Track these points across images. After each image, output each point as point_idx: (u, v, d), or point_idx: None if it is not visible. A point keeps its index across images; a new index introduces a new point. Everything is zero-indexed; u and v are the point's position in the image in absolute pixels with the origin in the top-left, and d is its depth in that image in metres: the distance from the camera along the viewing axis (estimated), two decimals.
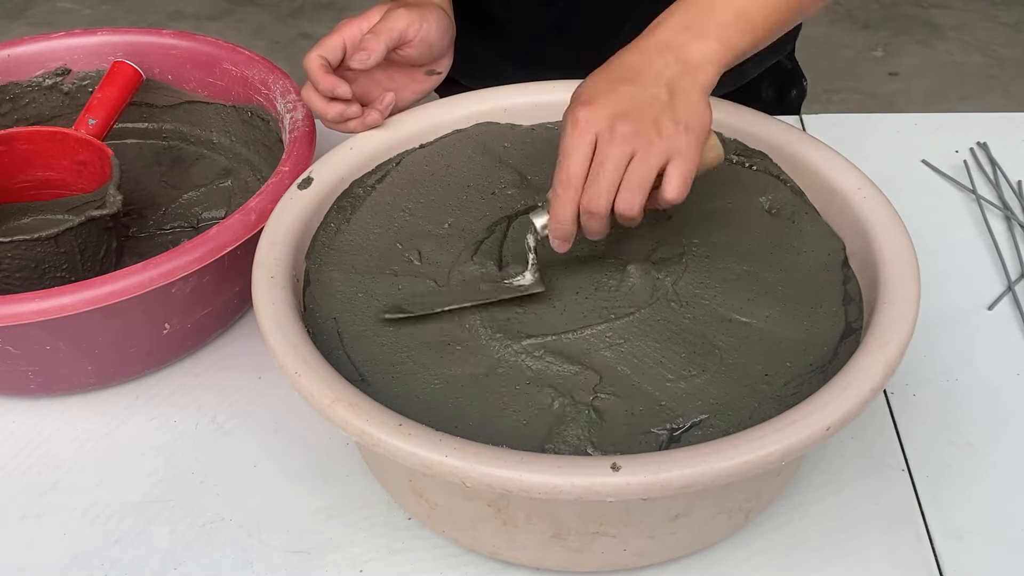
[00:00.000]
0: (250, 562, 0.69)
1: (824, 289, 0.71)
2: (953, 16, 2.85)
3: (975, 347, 0.83)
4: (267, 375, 0.81)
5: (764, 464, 0.57)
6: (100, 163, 0.88)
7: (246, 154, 0.98)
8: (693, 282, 0.72)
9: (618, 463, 0.56)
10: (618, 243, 0.74)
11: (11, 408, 0.80)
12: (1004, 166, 1.00)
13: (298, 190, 0.77)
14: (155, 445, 0.77)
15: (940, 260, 0.88)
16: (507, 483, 0.56)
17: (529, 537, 0.63)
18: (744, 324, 0.69)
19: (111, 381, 0.80)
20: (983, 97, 2.54)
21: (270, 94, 0.91)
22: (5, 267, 0.80)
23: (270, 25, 2.89)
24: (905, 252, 0.69)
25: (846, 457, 0.74)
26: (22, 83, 0.97)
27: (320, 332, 0.69)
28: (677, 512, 0.62)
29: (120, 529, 0.71)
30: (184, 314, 0.78)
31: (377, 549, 0.69)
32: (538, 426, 0.63)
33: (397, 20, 0.80)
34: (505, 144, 0.85)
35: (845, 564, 0.68)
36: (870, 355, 0.62)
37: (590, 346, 0.68)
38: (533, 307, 0.70)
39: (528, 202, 0.80)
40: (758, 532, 0.70)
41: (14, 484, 0.74)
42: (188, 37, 0.97)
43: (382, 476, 0.70)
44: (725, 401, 0.64)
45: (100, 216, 0.81)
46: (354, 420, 0.59)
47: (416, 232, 0.77)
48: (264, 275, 0.69)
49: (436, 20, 0.82)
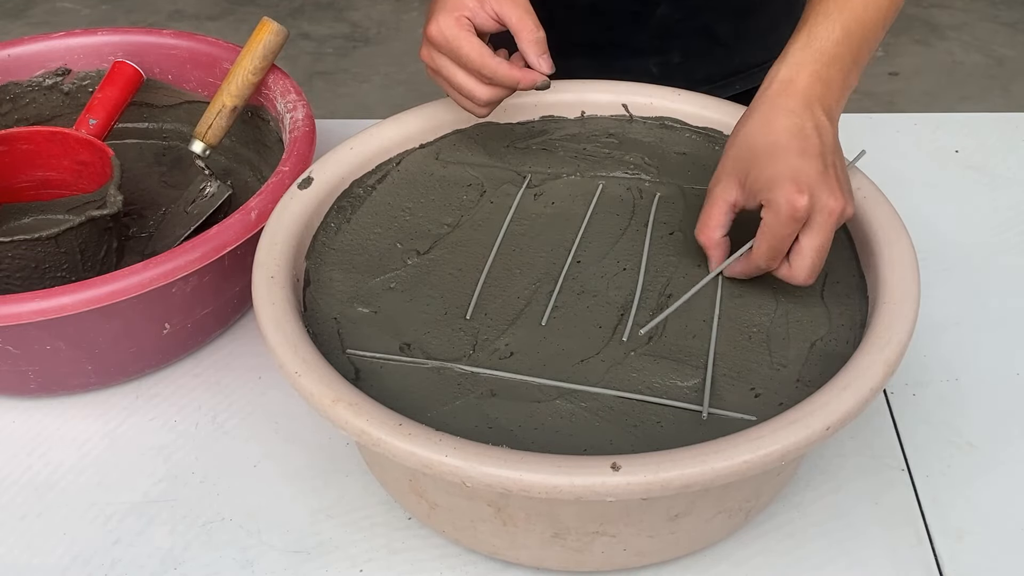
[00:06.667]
0: (250, 562, 0.69)
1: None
2: (953, 16, 2.85)
3: (975, 347, 0.83)
4: (267, 375, 0.81)
5: (764, 464, 0.57)
6: (101, 163, 0.88)
7: (246, 154, 0.98)
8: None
9: (618, 463, 0.56)
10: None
11: (11, 408, 0.80)
12: (1004, 166, 1.00)
13: (298, 190, 0.77)
14: (155, 445, 0.77)
15: (940, 260, 0.88)
16: (507, 483, 0.56)
17: (529, 537, 0.63)
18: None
19: (111, 381, 0.80)
20: (983, 97, 2.54)
21: (270, 94, 0.91)
22: (5, 267, 0.80)
23: None
24: (905, 252, 0.69)
25: (846, 457, 0.74)
26: (22, 83, 0.97)
27: (320, 332, 0.69)
28: (677, 512, 0.62)
29: (120, 529, 0.71)
30: (184, 314, 0.78)
31: (377, 549, 0.69)
32: (550, 422, 0.63)
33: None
34: (505, 144, 0.85)
35: (845, 564, 0.68)
36: (870, 355, 0.62)
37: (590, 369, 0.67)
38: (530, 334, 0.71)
39: (526, 201, 0.80)
40: (758, 532, 0.70)
41: (14, 484, 0.74)
42: (188, 37, 0.97)
43: (382, 476, 0.70)
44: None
45: (100, 216, 0.81)
46: (354, 420, 0.59)
47: (416, 232, 0.77)
48: (264, 275, 0.69)
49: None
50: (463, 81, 0.75)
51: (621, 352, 0.67)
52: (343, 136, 0.83)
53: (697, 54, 1.01)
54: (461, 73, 0.74)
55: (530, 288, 0.73)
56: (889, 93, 2.55)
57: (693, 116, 0.85)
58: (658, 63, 1.02)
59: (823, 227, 0.65)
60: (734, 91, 1.03)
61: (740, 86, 1.03)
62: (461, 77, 0.74)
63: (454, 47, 0.73)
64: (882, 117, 1.09)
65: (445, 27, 0.73)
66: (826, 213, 0.65)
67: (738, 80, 1.04)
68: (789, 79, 0.70)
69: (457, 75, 0.74)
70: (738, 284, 0.72)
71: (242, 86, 0.89)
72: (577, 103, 0.87)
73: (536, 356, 0.68)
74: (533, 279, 0.73)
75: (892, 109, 2.47)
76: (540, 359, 0.67)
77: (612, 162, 0.83)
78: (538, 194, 0.81)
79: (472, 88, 0.75)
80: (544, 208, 0.79)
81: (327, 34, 2.86)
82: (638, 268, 0.74)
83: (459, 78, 0.75)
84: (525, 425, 0.63)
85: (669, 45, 1.01)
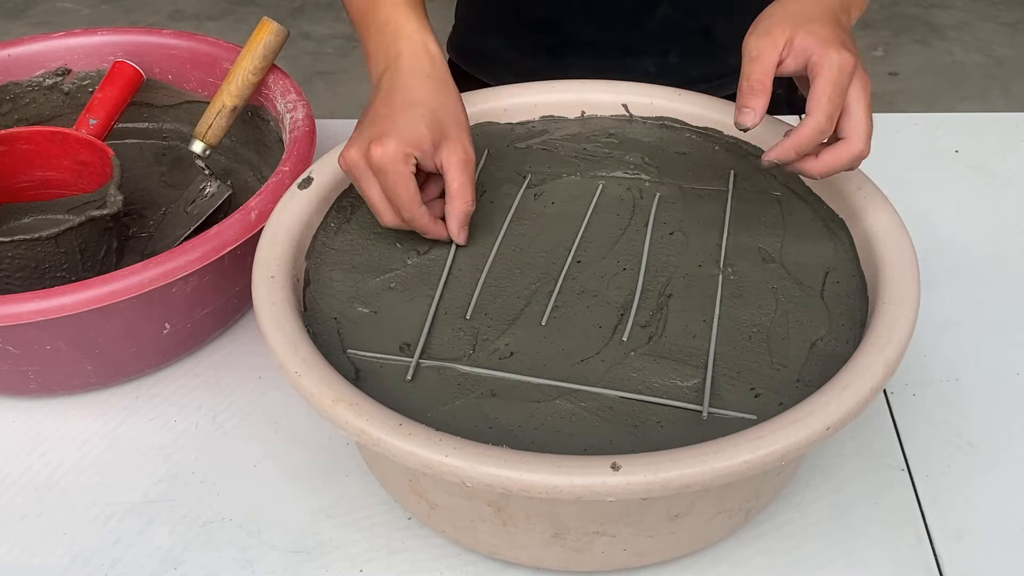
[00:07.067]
0: (250, 562, 0.69)
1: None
2: (953, 16, 2.85)
3: (975, 347, 0.83)
4: (267, 375, 0.81)
5: (764, 464, 0.57)
6: (101, 163, 0.88)
7: (246, 154, 0.98)
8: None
9: (618, 463, 0.56)
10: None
11: (11, 408, 0.80)
12: (1004, 166, 1.00)
13: (298, 190, 0.77)
14: (155, 445, 0.77)
15: (940, 260, 0.88)
16: (507, 483, 0.56)
17: (529, 537, 0.63)
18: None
19: (111, 381, 0.80)
20: (983, 97, 2.54)
21: (270, 94, 0.91)
22: (5, 267, 0.80)
23: None
24: (905, 252, 0.69)
25: (846, 457, 0.74)
26: (22, 83, 0.97)
27: (320, 332, 0.69)
28: (677, 512, 0.62)
29: (120, 529, 0.71)
30: (184, 314, 0.78)
31: (377, 549, 0.69)
32: (555, 424, 0.63)
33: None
34: (505, 144, 0.85)
35: (845, 564, 0.68)
36: (870, 355, 0.62)
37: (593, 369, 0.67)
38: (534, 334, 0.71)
39: (526, 201, 0.80)
40: (758, 532, 0.70)
41: (14, 484, 0.74)
42: (188, 37, 0.97)
43: (382, 476, 0.70)
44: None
45: (100, 216, 0.81)
46: (354, 420, 0.59)
47: (416, 232, 0.77)
48: (264, 275, 0.69)
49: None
50: (379, 205, 0.73)
51: (621, 352, 0.67)
52: (343, 136, 0.82)
53: (695, 54, 1.01)
54: (381, 199, 0.72)
55: (530, 288, 0.73)
56: (889, 93, 2.55)
57: (693, 116, 0.85)
58: (656, 63, 1.02)
59: (865, 90, 0.68)
60: (730, 91, 1.02)
61: (736, 86, 1.03)
62: (379, 201, 0.72)
63: (391, 182, 0.71)
64: (882, 117, 1.09)
65: (391, 159, 0.70)
66: (865, 79, 0.68)
67: (733, 80, 1.04)
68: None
69: (377, 199, 0.72)
70: (738, 284, 0.72)
71: (242, 86, 0.89)
72: (577, 103, 0.87)
73: (536, 356, 0.68)
74: (533, 279, 0.73)
75: (892, 109, 2.47)
76: (540, 359, 0.67)
77: (612, 162, 0.83)
78: (538, 194, 0.81)
79: (384, 213, 0.73)
80: (544, 208, 0.79)
81: (327, 34, 2.87)
82: (638, 268, 0.74)
83: (377, 202, 0.72)
84: (525, 425, 0.63)
85: (668, 45, 1.01)
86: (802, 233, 0.76)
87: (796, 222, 0.77)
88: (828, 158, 0.69)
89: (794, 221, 0.77)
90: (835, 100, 0.67)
